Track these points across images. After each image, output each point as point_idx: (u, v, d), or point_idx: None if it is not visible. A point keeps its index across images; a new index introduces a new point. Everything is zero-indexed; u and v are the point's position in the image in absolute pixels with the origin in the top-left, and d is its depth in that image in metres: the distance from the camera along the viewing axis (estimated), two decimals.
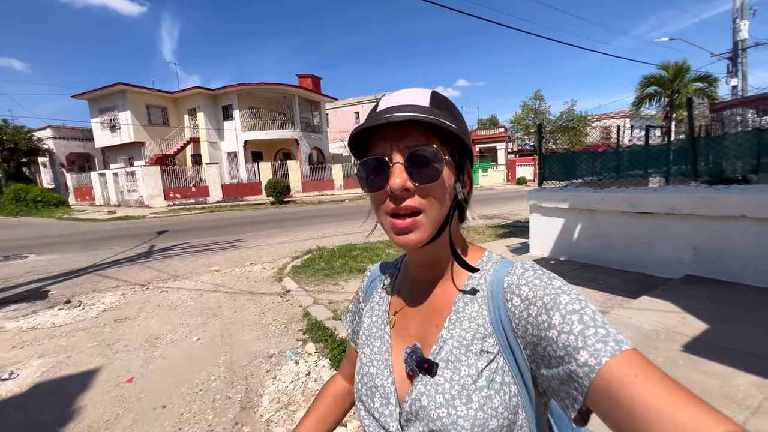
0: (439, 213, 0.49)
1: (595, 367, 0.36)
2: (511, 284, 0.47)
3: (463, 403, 0.45)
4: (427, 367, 0.49)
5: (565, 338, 0.39)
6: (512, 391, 0.46)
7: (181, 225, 11.84)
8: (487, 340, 0.48)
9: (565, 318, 0.40)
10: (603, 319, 0.40)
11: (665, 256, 3.94)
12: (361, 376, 0.58)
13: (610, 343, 0.37)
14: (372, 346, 0.59)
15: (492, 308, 0.48)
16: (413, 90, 0.51)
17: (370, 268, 0.72)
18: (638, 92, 16.79)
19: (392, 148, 0.48)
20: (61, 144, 25.28)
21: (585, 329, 0.38)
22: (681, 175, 4.43)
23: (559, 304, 0.41)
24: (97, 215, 16.14)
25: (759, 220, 3.27)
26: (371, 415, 0.55)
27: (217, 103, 22.83)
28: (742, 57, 14.63)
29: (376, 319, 0.61)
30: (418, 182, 0.47)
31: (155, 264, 6.30)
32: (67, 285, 5.21)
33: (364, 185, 0.52)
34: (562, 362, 0.39)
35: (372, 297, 0.66)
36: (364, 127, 0.48)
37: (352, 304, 0.72)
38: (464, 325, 0.50)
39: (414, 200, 0.48)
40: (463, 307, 0.51)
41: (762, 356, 2.20)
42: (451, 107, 0.51)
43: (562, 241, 5.01)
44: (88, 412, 2.29)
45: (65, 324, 3.78)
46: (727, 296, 3.17)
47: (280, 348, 3.06)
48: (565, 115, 26.92)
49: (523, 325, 0.44)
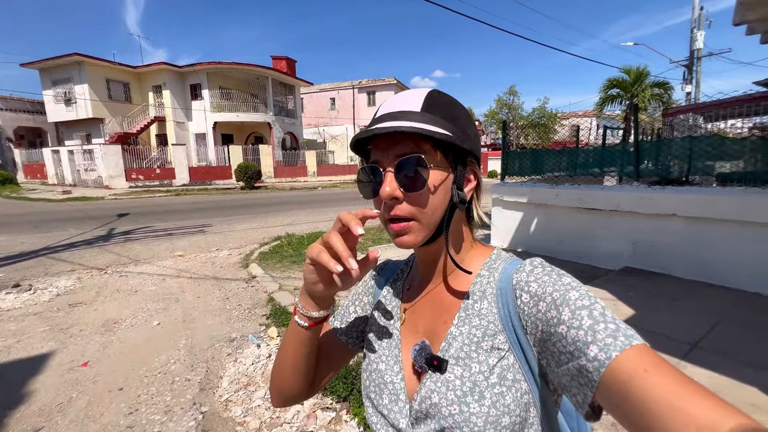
0: (432, 218, 0.49)
1: (605, 362, 0.36)
2: (520, 281, 0.47)
3: (476, 400, 0.45)
4: (437, 363, 0.49)
5: (574, 333, 0.39)
6: (523, 388, 0.46)
7: (143, 208, 11.35)
8: (497, 337, 0.48)
9: (575, 313, 0.40)
10: (613, 315, 0.40)
11: (609, 249, 4.29)
12: (369, 373, 0.58)
13: (619, 338, 0.37)
14: (381, 343, 0.59)
15: (501, 305, 0.48)
16: (410, 93, 0.51)
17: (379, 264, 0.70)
18: (602, 93, 17.63)
19: (384, 157, 0.49)
20: (8, 116, 23.22)
21: (595, 324, 0.38)
22: (626, 175, 4.79)
23: (569, 300, 0.41)
24: (51, 195, 15.10)
25: (686, 218, 3.64)
26: (379, 413, 0.54)
27: (185, 81, 21.68)
28: (698, 65, 15.66)
29: (386, 315, 0.61)
30: (406, 190, 0.48)
31: (115, 248, 6.08)
32: (16, 268, 4.94)
33: (365, 191, 0.53)
34: (572, 357, 0.39)
35: (380, 293, 0.65)
36: (357, 138, 0.49)
37: (354, 296, 0.68)
38: (474, 322, 0.50)
39: (404, 207, 0.48)
40: (473, 304, 0.51)
41: (674, 338, 2.51)
42: (447, 108, 0.50)
43: (520, 233, 5.31)
44: (40, 395, 2.27)
45: (14, 308, 3.63)
46: (656, 287, 3.53)
47: (243, 332, 3.11)
48: (537, 111, 27.74)
49: (533, 322, 0.44)
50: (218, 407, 2.16)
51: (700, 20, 15.08)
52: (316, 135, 29.53)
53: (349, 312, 0.67)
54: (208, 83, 21.04)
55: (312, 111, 30.29)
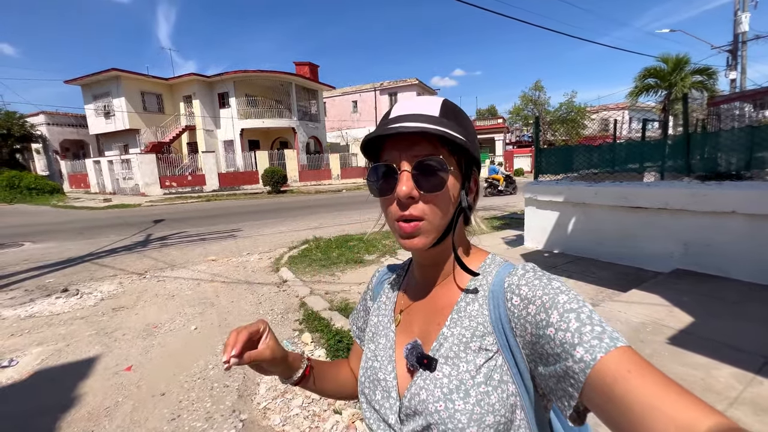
0: (442, 220, 0.51)
1: (591, 363, 0.37)
2: (512, 284, 0.48)
3: (461, 398, 0.46)
4: (427, 362, 0.51)
5: (562, 335, 0.40)
6: (510, 390, 0.47)
7: (177, 214, 11.81)
8: (486, 339, 0.49)
9: (563, 316, 0.41)
10: (600, 318, 0.41)
11: (656, 250, 4.00)
12: (365, 370, 0.60)
13: (605, 340, 0.38)
14: (377, 342, 0.61)
15: (492, 308, 0.50)
16: (425, 98, 0.53)
17: (379, 269, 0.75)
18: (637, 83, 16.73)
19: (401, 157, 0.50)
20: (55, 130, 24.91)
21: (581, 327, 0.39)
22: (674, 170, 4.47)
23: (558, 303, 0.42)
24: (93, 203, 16.04)
25: (749, 215, 3.32)
26: (372, 408, 0.57)
27: (213, 90, 22.50)
28: (742, 50, 14.55)
29: (383, 317, 0.64)
30: (423, 190, 0.49)
31: (152, 253, 6.32)
32: (64, 273, 5.23)
33: (374, 190, 0.54)
34: (558, 359, 0.40)
35: (379, 296, 0.68)
36: (375, 135, 0.50)
37: (360, 304, 0.75)
38: (465, 323, 0.51)
39: (419, 207, 0.50)
40: (465, 306, 0.52)
41: (743, 349, 2.27)
42: (460, 117, 0.52)
43: (556, 234, 5.07)
44: (88, 398, 2.34)
45: (63, 312, 3.81)
46: (714, 290, 3.24)
47: (277, 338, 3.11)
48: (564, 106, 26.76)
49: (522, 324, 0.45)
50: (257, 415, 2.15)
51: (744, 1, 14.03)
52: (339, 138, 29.84)
53: (359, 316, 0.73)
54: (234, 91, 21.72)
55: (335, 114, 30.65)
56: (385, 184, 0.52)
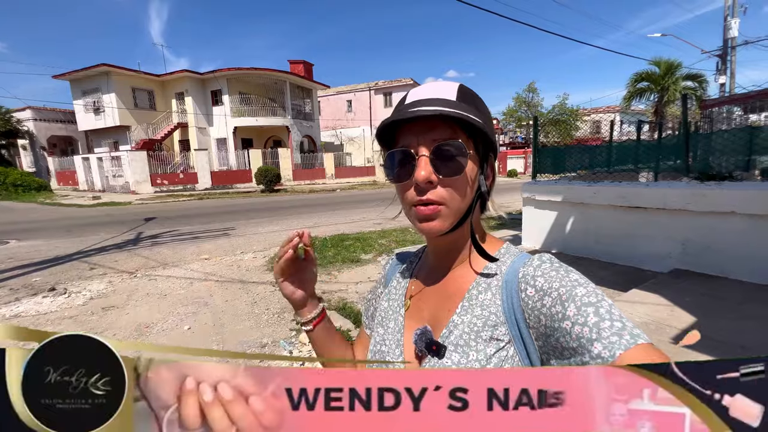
0: (461, 204, 0.51)
1: (609, 360, 0.36)
2: (527, 275, 0.47)
3: None
4: (436, 349, 0.50)
5: (579, 330, 0.39)
6: None
7: (169, 212, 11.60)
8: (498, 329, 0.48)
9: (581, 310, 0.40)
10: (621, 313, 0.39)
11: (654, 250, 4.00)
12: (372, 354, 0.60)
13: (625, 336, 0.37)
14: (386, 326, 0.61)
15: (505, 298, 0.49)
16: (441, 83, 0.52)
17: (392, 255, 0.75)
18: (630, 87, 16.95)
19: (419, 141, 0.50)
20: (42, 126, 24.39)
21: (600, 321, 0.38)
22: (673, 170, 4.49)
23: (575, 296, 0.41)
24: (82, 200, 15.69)
25: (748, 215, 3.33)
26: None
27: (205, 87, 22.21)
28: (732, 55, 14.83)
29: (393, 302, 0.64)
30: (442, 175, 0.49)
31: (143, 251, 6.17)
32: (51, 272, 5.06)
33: (391, 175, 0.53)
34: (574, 353, 0.39)
35: (391, 282, 0.68)
36: (393, 119, 0.49)
37: (370, 292, 0.74)
38: (476, 311, 0.50)
39: (437, 192, 0.49)
40: (477, 294, 0.52)
41: (750, 348, 2.26)
42: (477, 101, 0.52)
43: (554, 233, 5.06)
44: None
45: (50, 312, 3.67)
46: (715, 290, 3.24)
47: (274, 338, 3.04)
48: (557, 108, 27.00)
49: (536, 316, 0.44)
50: None
51: (734, 7, 14.29)
52: (333, 137, 29.70)
53: (370, 305, 0.72)
54: (228, 89, 21.47)
55: (329, 113, 30.49)
56: (402, 170, 0.51)
